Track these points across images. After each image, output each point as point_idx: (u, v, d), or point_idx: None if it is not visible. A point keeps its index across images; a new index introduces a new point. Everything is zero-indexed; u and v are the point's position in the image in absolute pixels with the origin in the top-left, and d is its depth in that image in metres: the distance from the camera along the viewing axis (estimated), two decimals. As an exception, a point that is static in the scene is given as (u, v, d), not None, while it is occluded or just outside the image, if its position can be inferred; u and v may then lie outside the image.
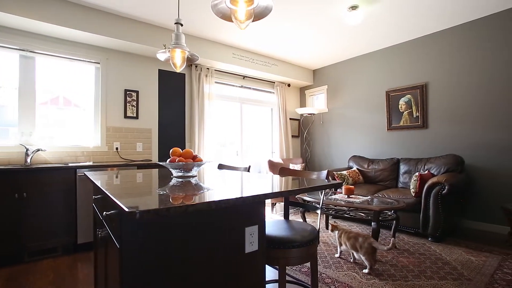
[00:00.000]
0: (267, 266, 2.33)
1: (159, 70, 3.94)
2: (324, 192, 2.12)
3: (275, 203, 4.59)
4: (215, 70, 4.47)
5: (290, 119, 5.58)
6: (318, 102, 5.49)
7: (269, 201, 4.59)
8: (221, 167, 2.41)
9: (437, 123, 3.81)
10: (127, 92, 3.63)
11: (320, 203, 1.57)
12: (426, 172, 3.30)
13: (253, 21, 1.45)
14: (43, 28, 2.94)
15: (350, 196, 3.02)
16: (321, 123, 5.39)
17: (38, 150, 2.96)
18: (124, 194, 0.98)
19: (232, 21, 1.45)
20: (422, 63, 3.97)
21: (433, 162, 3.55)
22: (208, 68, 4.31)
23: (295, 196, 3.62)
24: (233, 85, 4.77)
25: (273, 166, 4.63)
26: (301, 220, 2.83)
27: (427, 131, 3.91)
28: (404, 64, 4.17)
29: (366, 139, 4.66)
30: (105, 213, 1.14)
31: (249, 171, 2.10)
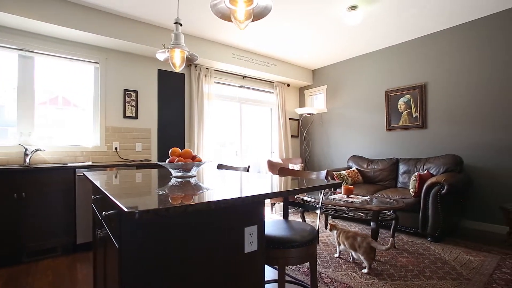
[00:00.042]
0: (267, 266, 2.33)
1: (159, 70, 3.94)
2: (324, 192, 2.12)
3: (275, 203, 4.59)
4: (215, 70, 4.47)
5: (290, 119, 5.58)
6: (318, 102, 5.49)
7: (269, 201, 4.59)
8: (221, 167, 2.41)
9: (436, 123, 3.82)
10: (126, 92, 3.63)
11: (320, 203, 1.57)
12: (425, 172, 3.30)
13: (253, 21, 1.45)
14: (42, 28, 2.93)
15: (350, 196, 3.02)
16: (321, 123, 5.40)
17: (37, 150, 2.96)
18: (123, 194, 0.98)
19: (232, 21, 1.45)
20: (421, 63, 3.97)
21: (432, 162, 3.55)
22: (208, 68, 4.30)
23: (295, 196, 3.62)
24: (233, 85, 4.77)
25: (273, 166, 4.63)
26: (301, 220, 2.84)
27: (426, 131, 3.92)
28: (403, 64, 4.18)
29: (366, 139, 4.66)
30: (104, 213, 1.14)
31: (249, 171, 2.09)
